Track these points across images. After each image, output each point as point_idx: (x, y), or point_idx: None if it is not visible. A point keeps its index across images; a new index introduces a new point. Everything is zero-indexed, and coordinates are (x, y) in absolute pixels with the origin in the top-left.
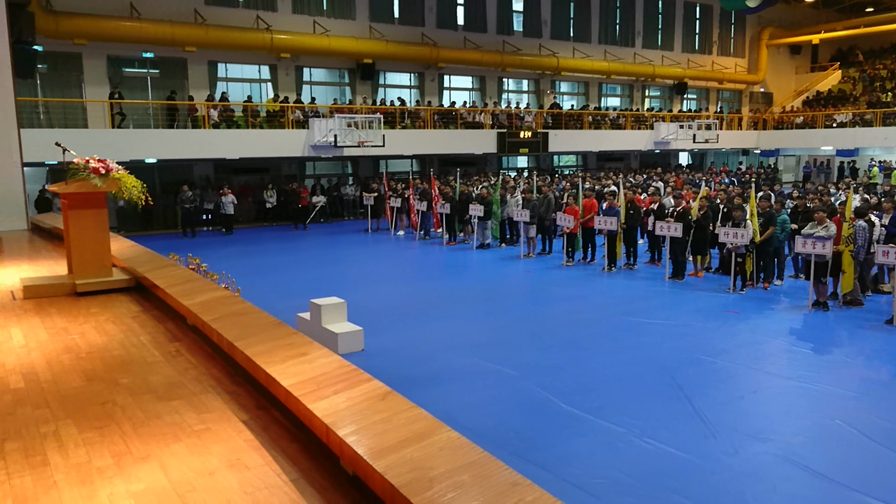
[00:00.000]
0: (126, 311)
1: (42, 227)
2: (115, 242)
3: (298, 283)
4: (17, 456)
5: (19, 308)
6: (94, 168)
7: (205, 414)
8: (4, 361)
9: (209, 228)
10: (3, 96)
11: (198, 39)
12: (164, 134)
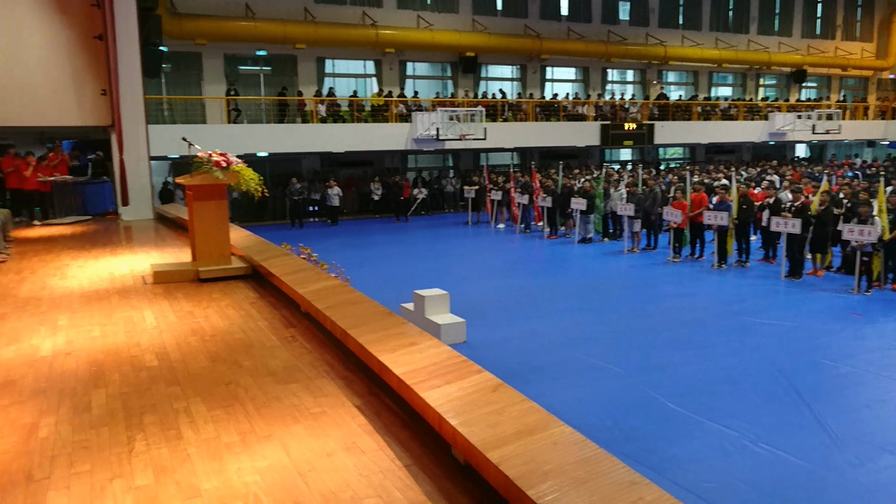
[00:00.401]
0: (244, 297)
1: (166, 216)
2: (232, 232)
3: (401, 273)
4: (155, 429)
5: (150, 292)
6: (217, 161)
7: (320, 398)
8: (139, 341)
9: (315, 220)
10: (133, 95)
11: (307, 37)
12: (275, 128)
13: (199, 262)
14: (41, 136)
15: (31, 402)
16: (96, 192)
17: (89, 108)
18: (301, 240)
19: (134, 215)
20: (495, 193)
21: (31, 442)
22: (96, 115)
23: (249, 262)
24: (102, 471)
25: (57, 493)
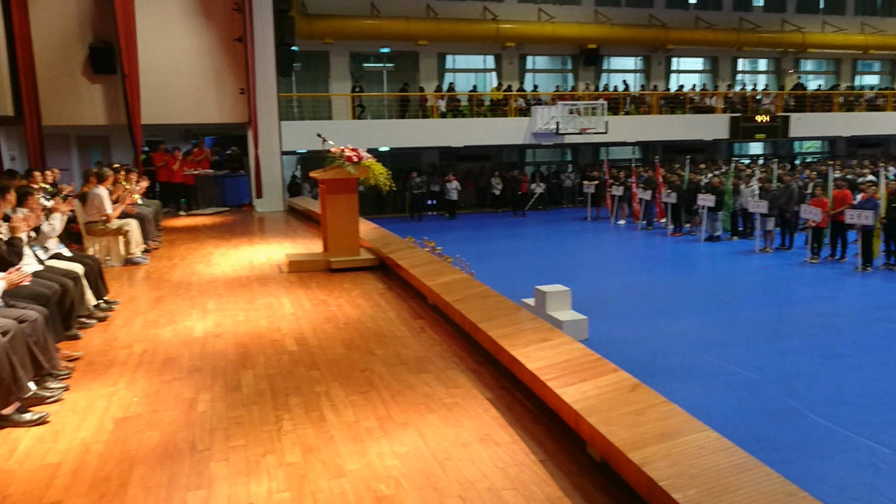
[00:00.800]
0: (373, 288)
1: (296, 208)
2: (360, 224)
3: (520, 268)
4: (299, 410)
5: (286, 280)
6: (349, 156)
7: (452, 389)
8: (280, 326)
9: (434, 213)
10: (268, 93)
11: (429, 33)
12: (397, 124)
13: (331, 253)
14: (186, 132)
15: (188, 379)
16: (234, 185)
17: (229, 106)
18: (420, 233)
19: (267, 207)
20: (616, 189)
21: (191, 415)
22: (235, 112)
23: (377, 254)
24: (256, 446)
25: (217, 464)
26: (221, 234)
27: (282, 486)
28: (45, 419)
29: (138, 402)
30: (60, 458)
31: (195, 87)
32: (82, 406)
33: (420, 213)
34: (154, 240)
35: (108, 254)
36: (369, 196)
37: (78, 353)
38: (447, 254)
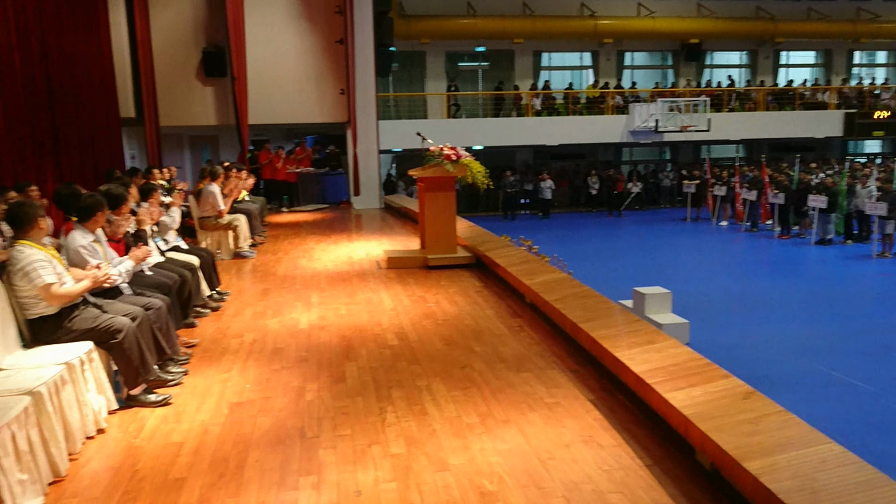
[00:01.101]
0: (470, 285)
1: (392, 206)
2: (457, 223)
3: (616, 269)
4: (402, 403)
5: (384, 276)
6: (447, 155)
7: (553, 389)
8: (380, 321)
9: (527, 212)
10: (367, 93)
11: (525, 31)
12: (491, 122)
13: (428, 250)
14: (288, 132)
15: (296, 369)
16: (333, 183)
17: (330, 106)
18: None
19: (364, 204)
20: (718, 188)
21: (300, 403)
22: (336, 112)
23: (473, 252)
24: (362, 436)
25: (326, 452)
26: (322, 230)
27: (387, 476)
28: (168, 401)
29: (250, 388)
30: (183, 437)
31: (298, 89)
32: (200, 390)
33: (513, 212)
34: (260, 235)
35: (219, 247)
36: (462, 194)
37: (195, 340)
38: (543, 253)
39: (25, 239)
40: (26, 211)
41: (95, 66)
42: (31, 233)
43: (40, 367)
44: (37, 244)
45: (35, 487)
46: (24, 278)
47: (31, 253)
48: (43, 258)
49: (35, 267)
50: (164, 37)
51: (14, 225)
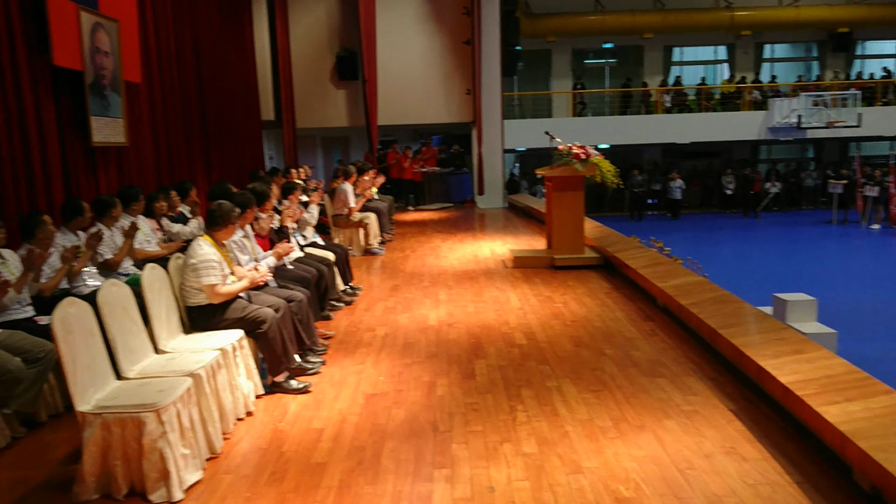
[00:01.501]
0: (598, 286)
1: (516, 205)
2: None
3: (753, 274)
4: (532, 402)
5: (511, 275)
6: (576, 154)
7: (690, 396)
8: (508, 319)
9: (654, 212)
10: (493, 93)
11: (656, 25)
12: (618, 120)
13: (555, 250)
14: (415, 132)
15: (427, 364)
16: (458, 182)
17: (456, 107)
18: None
19: (488, 203)
20: (870, 189)
21: (431, 398)
22: (461, 112)
23: (602, 253)
24: (493, 433)
25: (458, 446)
26: (447, 229)
27: (520, 474)
28: (308, 388)
29: (384, 381)
30: (322, 424)
31: (425, 90)
32: (337, 380)
33: (640, 213)
34: (388, 232)
35: (351, 244)
36: (587, 194)
37: (331, 332)
38: (675, 255)
39: (212, 235)
40: (224, 212)
41: (241, 73)
42: (220, 233)
43: (199, 351)
44: (216, 243)
45: (195, 462)
46: (194, 273)
47: (207, 252)
48: (215, 260)
49: (206, 266)
50: (301, 44)
51: (209, 222)
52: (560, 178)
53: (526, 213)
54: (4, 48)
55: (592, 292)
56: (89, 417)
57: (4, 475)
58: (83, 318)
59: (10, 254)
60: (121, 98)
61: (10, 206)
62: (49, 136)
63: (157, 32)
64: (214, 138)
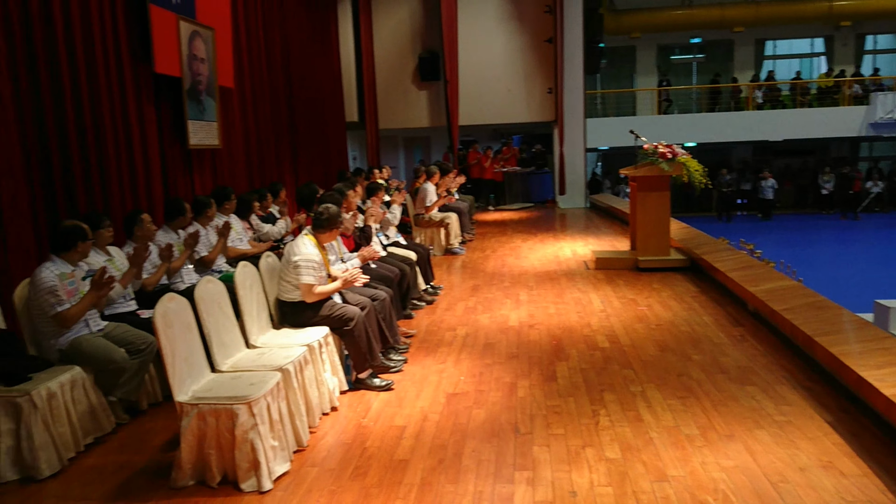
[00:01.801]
0: (685, 289)
1: (598, 205)
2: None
3: (853, 278)
4: (615, 407)
5: (593, 276)
6: (662, 153)
7: (783, 406)
8: (590, 322)
9: (744, 213)
10: (575, 91)
11: (747, 18)
12: (706, 118)
13: (639, 252)
14: (495, 132)
15: (507, 364)
16: (538, 182)
17: (537, 105)
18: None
19: (569, 203)
20: None
21: (512, 399)
22: (543, 111)
23: (688, 255)
24: (575, 437)
25: (539, 449)
26: (528, 229)
27: (603, 480)
28: (391, 386)
29: (465, 380)
30: (405, 421)
31: (506, 89)
32: (419, 378)
33: (729, 213)
34: (469, 232)
35: (432, 243)
36: (674, 194)
37: (412, 330)
38: (767, 258)
39: (316, 236)
40: (331, 216)
41: (327, 77)
42: (325, 235)
43: (287, 346)
44: (319, 244)
45: (283, 454)
46: (295, 270)
47: (309, 252)
48: (316, 260)
49: (306, 266)
50: (384, 46)
51: (315, 224)
52: (645, 177)
53: (608, 214)
54: (112, 58)
55: (678, 295)
56: (186, 407)
57: (110, 459)
58: (181, 313)
59: (116, 251)
60: (215, 102)
61: (116, 206)
62: (150, 139)
63: (248, 38)
64: (302, 140)
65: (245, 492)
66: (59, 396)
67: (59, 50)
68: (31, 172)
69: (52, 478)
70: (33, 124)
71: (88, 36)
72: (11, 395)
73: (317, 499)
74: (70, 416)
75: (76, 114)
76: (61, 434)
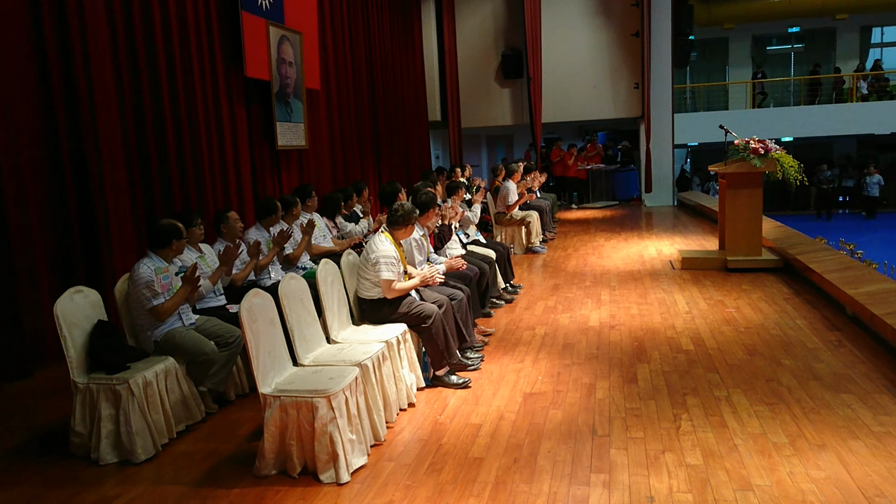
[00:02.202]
0: (777, 291)
1: (686, 203)
2: (763, 222)
3: None
4: (698, 412)
5: (678, 277)
6: (754, 148)
7: (882, 416)
8: (674, 324)
9: (846, 211)
10: (662, 86)
11: (851, 4)
12: (804, 111)
13: (728, 252)
14: (579, 129)
15: (586, 365)
16: (623, 180)
17: (623, 101)
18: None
19: (656, 202)
20: None
21: (590, 400)
22: (628, 107)
23: (781, 255)
24: (654, 441)
25: (617, 452)
26: (611, 228)
27: (682, 486)
28: (468, 384)
29: (542, 380)
30: (481, 419)
31: (591, 85)
32: (496, 377)
33: (828, 211)
34: (550, 231)
35: (512, 242)
36: (768, 191)
37: (491, 329)
38: (869, 259)
39: (392, 233)
40: (405, 213)
41: (410, 77)
42: (400, 231)
43: (366, 342)
44: (395, 241)
45: (361, 447)
46: (374, 267)
47: (386, 249)
48: (393, 257)
49: (385, 262)
50: (467, 45)
51: (390, 220)
52: (735, 174)
53: (697, 212)
54: (206, 63)
55: (770, 297)
56: (269, 399)
57: (200, 446)
58: (266, 308)
59: (207, 248)
60: (302, 104)
61: (209, 204)
62: (241, 141)
63: (334, 41)
64: (385, 139)
65: (324, 483)
66: (154, 385)
67: (159, 57)
68: (132, 174)
69: (147, 462)
70: (134, 129)
71: (185, 43)
72: (112, 383)
73: (392, 492)
74: (164, 404)
75: (174, 118)
76: (156, 421)
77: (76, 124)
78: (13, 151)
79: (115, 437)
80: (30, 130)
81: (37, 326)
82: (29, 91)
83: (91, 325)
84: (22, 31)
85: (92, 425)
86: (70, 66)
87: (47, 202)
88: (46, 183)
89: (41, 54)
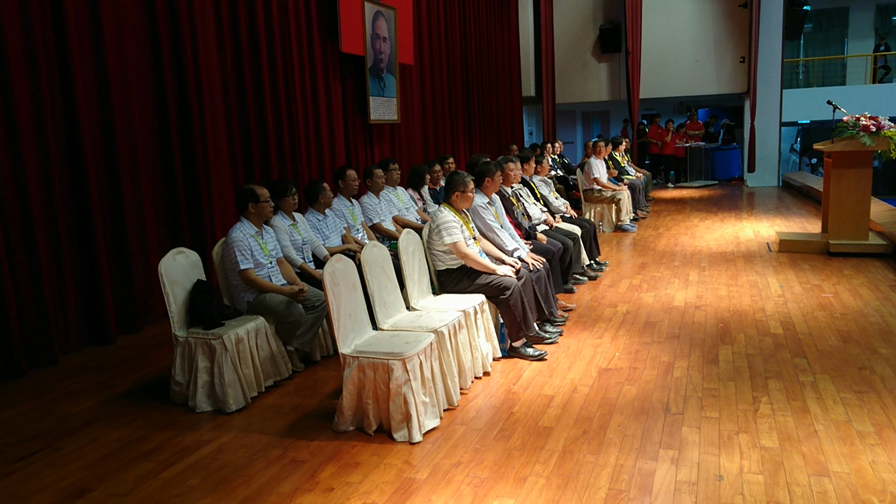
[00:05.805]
0: (882, 278)
1: (792, 184)
2: (872, 205)
3: None
4: (779, 396)
5: (774, 259)
6: (865, 125)
7: None
8: (764, 307)
9: None
10: (771, 60)
11: None
12: None
13: (831, 235)
14: (679, 105)
15: (666, 344)
16: (725, 159)
17: (727, 76)
18: None
19: (758, 182)
20: None
21: (667, 378)
22: (733, 82)
23: (890, 240)
24: (729, 422)
25: (689, 430)
26: (708, 208)
27: (754, 467)
28: (543, 356)
29: (620, 357)
30: (554, 391)
31: (693, 59)
32: (573, 351)
33: None
34: (643, 209)
35: (601, 219)
36: (886, 172)
37: (572, 304)
38: None
39: (449, 203)
40: (453, 181)
41: (504, 52)
42: (455, 199)
43: (443, 311)
44: (455, 209)
45: (434, 410)
46: (438, 234)
47: (446, 215)
48: (454, 221)
49: (447, 227)
50: (564, 19)
51: (445, 190)
52: (842, 153)
53: (803, 194)
54: (304, 40)
55: (873, 284)
56: (349, 359)
57: (286, 401)
58: (347, 273)
59: (300, 217)
60: (395, 79)
61: (304, 175)
62: (336, 114)
63: (429, 16)
64: (476, 114)
65: (397, 441)
66: (245, 342)
67: (259, 34)
68: (233, 146)
69: (237, 412)
70: (236, 104)
71: (284, 20)
72: (208, 338)
73: (461, 454)
74: (254, 360)
75: (272, 93)
76: (246, 375)
77: (184, 100)
78: (129, 122)
79: (210, 388)
80: (144, 106)
81: (146, 286)
82: (144, 70)
83: (191, 284)
84: (137, 17)
85: (190, 376)
86: (179, 46)
87: (157, 171)
88: (156, 153)
89: (154, 41)
